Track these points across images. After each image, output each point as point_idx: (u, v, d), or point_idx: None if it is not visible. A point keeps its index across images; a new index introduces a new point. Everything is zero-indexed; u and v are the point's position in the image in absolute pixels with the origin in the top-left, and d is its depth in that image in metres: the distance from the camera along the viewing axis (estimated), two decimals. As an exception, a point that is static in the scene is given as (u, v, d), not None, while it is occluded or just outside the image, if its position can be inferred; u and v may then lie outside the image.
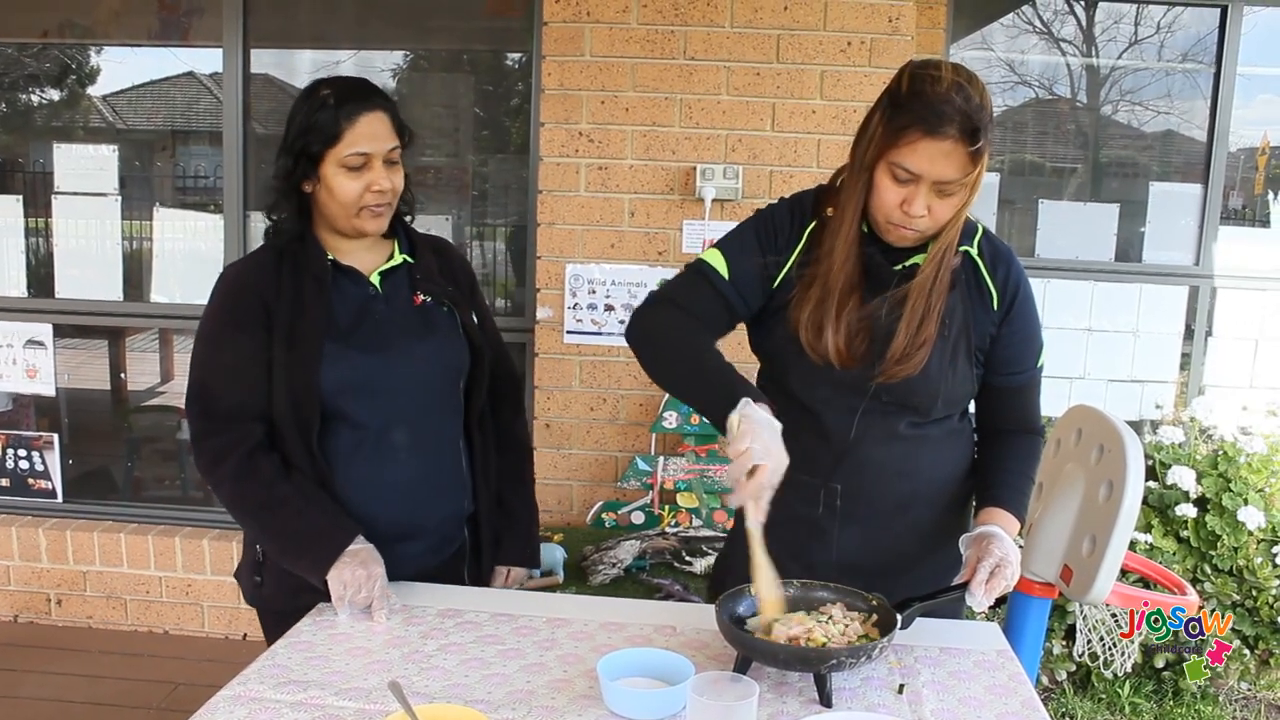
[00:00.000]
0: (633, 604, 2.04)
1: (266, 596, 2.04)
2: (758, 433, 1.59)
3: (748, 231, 1.94)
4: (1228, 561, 3.74)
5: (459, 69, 4.38)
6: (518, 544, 2.26)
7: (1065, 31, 4.49)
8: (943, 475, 1.95)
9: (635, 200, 3.71)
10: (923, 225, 1.75)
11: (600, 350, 3.78)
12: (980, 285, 1.88)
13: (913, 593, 1.80)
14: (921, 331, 1.80)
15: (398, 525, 2.00)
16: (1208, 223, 4.32)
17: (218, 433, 1.92)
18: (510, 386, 2.29)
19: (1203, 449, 3.97)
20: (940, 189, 1.71)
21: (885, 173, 1.74)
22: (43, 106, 4.48)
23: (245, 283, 1.96)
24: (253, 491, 1.91)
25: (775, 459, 1.59)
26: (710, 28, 3.62)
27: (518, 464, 2.30)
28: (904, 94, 1.71)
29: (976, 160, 1.68)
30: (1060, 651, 3.73)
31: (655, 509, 3.54)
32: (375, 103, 1.95)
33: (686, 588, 3.02)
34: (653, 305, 1.91)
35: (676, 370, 1.86)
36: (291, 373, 1.91)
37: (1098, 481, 2.66)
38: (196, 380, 1.96)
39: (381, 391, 1.97)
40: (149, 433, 4.66)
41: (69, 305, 4.25)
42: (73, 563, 4.13)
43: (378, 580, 1.85)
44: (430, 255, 2.12)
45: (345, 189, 1.92)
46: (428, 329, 2.05)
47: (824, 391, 1.87)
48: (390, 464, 2.00)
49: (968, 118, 1.65)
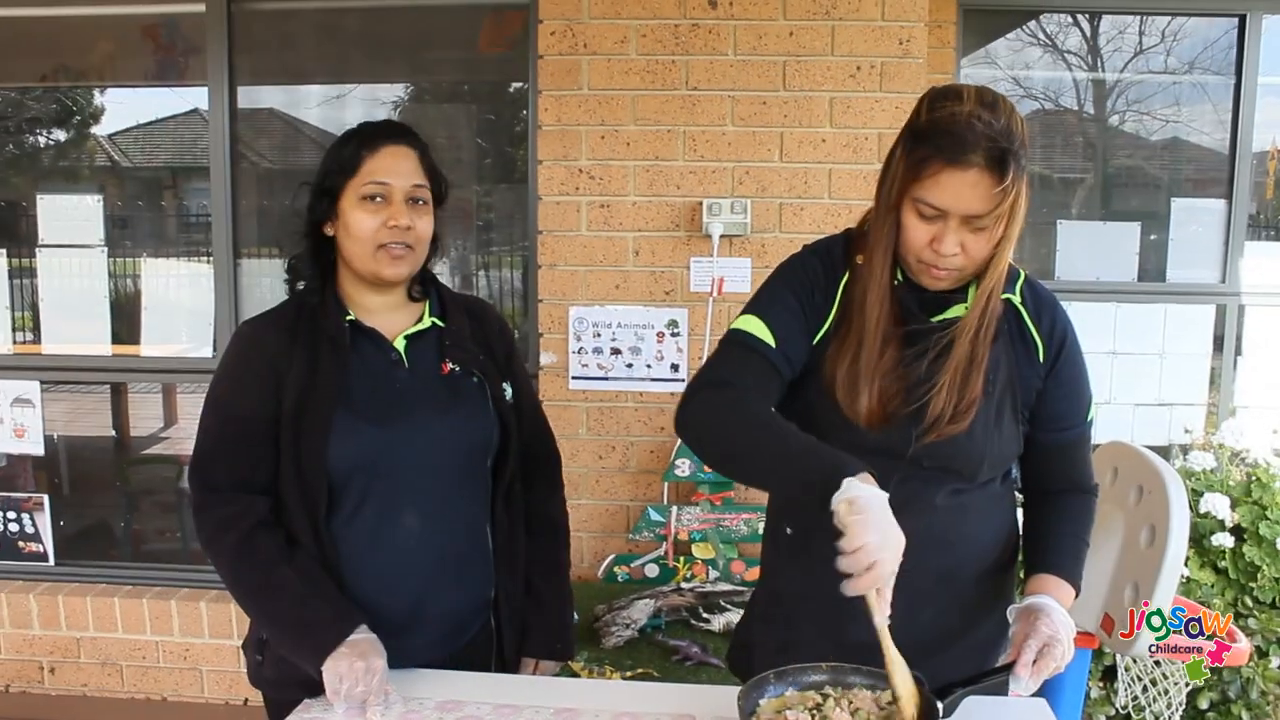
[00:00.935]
0: (647, 689, 1.91)
1: (266, 679, 1.91)
2: (872, 521, 1.40)
3: (782, 290, 1.77)
4: (1270, 593, 3.59)
5: (460, 100, 4.28)
6: (547, 634, 2.08)
7: (1071, 44, 4.39)
8: (985, 544, 1.82)
9: (640, 238, 3.59)
10: (957, 264, 1.61)
11: (608, 395, 3.65)
12: (1025, 336, 1.75)
13: (955, 669, 1.66)
14: (968, 387, 1.65)
15: (406, 614, 1.86)
16: (1233, 238, 4.19)
17: (218, 505, 1.81)
18: (547, 466, 2.13)
19: (1235, 474, 3.82)
20: (971, 224, 1.57)
21: (911, 210, 1.60)
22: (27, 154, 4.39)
23: (258, 343, 1.85)
24: (252, 572, 1.79)
25: (893, 547, 1.41)
26: (713, 56, 3.50)
27: (550, 547, 2.12)
28: (923, 124, 1.59)
29: (1008, 191, 1.53)
30: (1098, 695, 3.57)
31: (670, 561, 3.41)
32: (401, 139, 1.85)
33: (705, 648, 2.88)
34: (700, 390, 1.69)
35: (749, 454, 1.62)
36: (299, 446, 1.79)
37: (1138, 525, 2.53)
38: (199, 448, 1.85)
39: (395, 470, 1.83)
40: (144, 486, 4.53)
41: (56, 361, 4.14)
42: (66, 628, 3.99)
43: (377, 674, 1.70)
44: (463, 319, 1.98)
45: (361, 224, 1.80)
46: (453, 401, 1.90)
47: (858, 453, 1.71)
48: (402, 548, 1.86)
49: (993, 144, 1.51)
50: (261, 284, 4.04)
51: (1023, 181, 1.56)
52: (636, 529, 3.47)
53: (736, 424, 1.61)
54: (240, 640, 3.83)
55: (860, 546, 1.38)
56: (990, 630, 1.85)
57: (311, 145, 4.20)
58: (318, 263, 1.89)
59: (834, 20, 3.47)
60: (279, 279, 3.99)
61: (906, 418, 1.68)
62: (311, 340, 1.83)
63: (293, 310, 1.88)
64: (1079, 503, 1.83)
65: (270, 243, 4.09)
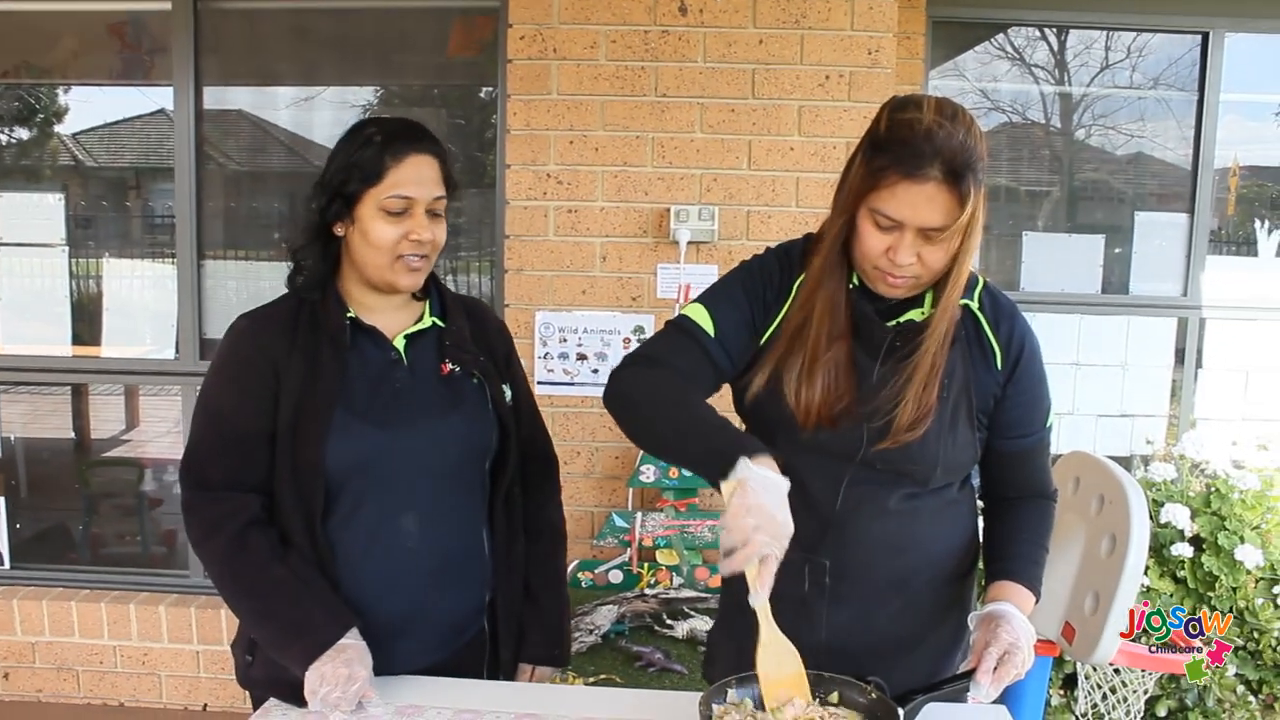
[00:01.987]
0: (610, 694, 1.89)
1: (255, 680, 1.86)
2: (751, 502, 1.41)
3: (733, 285, 1.78)
4: (1227, 602, 3.62)
5: (429, 104, 4.25)
6: (545, 641, 2.04)
7: (1039, 58, 4.44)
8: (941, 550, 1.81)
9: (607, 244, 3.58)
10: (913, 273, 1.60)
11: (573, 401, 3.64)
12: (982, 342, 1.74)
13: (911, 674, 1.68)
14: (926, 395, 1.65)
15: (402, 618, 1.83)
16: (1195, 252, 4.24)
17: (211, 504, 1.76)
18: (545, 469, 2.10)
19: (1195, 485, 3.86)
20: (928, 236, 1.56)
21: (867, 219, 1.59)
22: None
23: (254, 339, 1.80)
24: (242, 572, 1.74)
25: (774, 529, 1.42)
26: (682, 63, 3.51)
27: (549, 552, 2.09)
28: (882, 134, 1.58)
29: (964, 203, 1.53)
30: (1059, 703, 3.59)
31: (634, 567, 3.39)
32: (425, 146, 1.79)
33: (668, 655, 2.88)
34: (631, 365, 1.72)
35: (663, 430, 1.64)
36: (295, 445, 1.75)
37: (1099, 535, 2.55)
38: (192, 445, 1.80)
39: (393, 469, 1.80)
40: (103, 489, 4.47)
41: (14, 361, 4.08)
42: (20, 633, 3.93)
43: (358, 683, 1.66)
44: (463, 319, 1.93)
45: (381, 234, 1.75)
46: (453, 402, 1.86)
47: (808, 457, 1.71)
48: (400, 551, 1.82)
49: (951, 157, 1.51)
50: (226, 286, 4.00)
51: (980, 195, 1.55)
52: (601, 535, 3.46)
53: (657, 399, 1.64)
54: (199, 643, 3.83)
55: (734, 526, 1.41)
56: (946, 637, 1.85)
57: (280, 147, 4.16)
58: (323, 260, 1.83)
59: (803, 29, 3.48)
60: (243, 281, 4.01)
61: (856, 419, 1.68)
62: (311, 337, 1.79)
63: (292, 307, 1.83)
64: (1038, 509, 1.83)
65: (235, 245, 4.05)
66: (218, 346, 1.84)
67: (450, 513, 1.88)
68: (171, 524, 4.30)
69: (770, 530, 1.41)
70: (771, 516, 1.41)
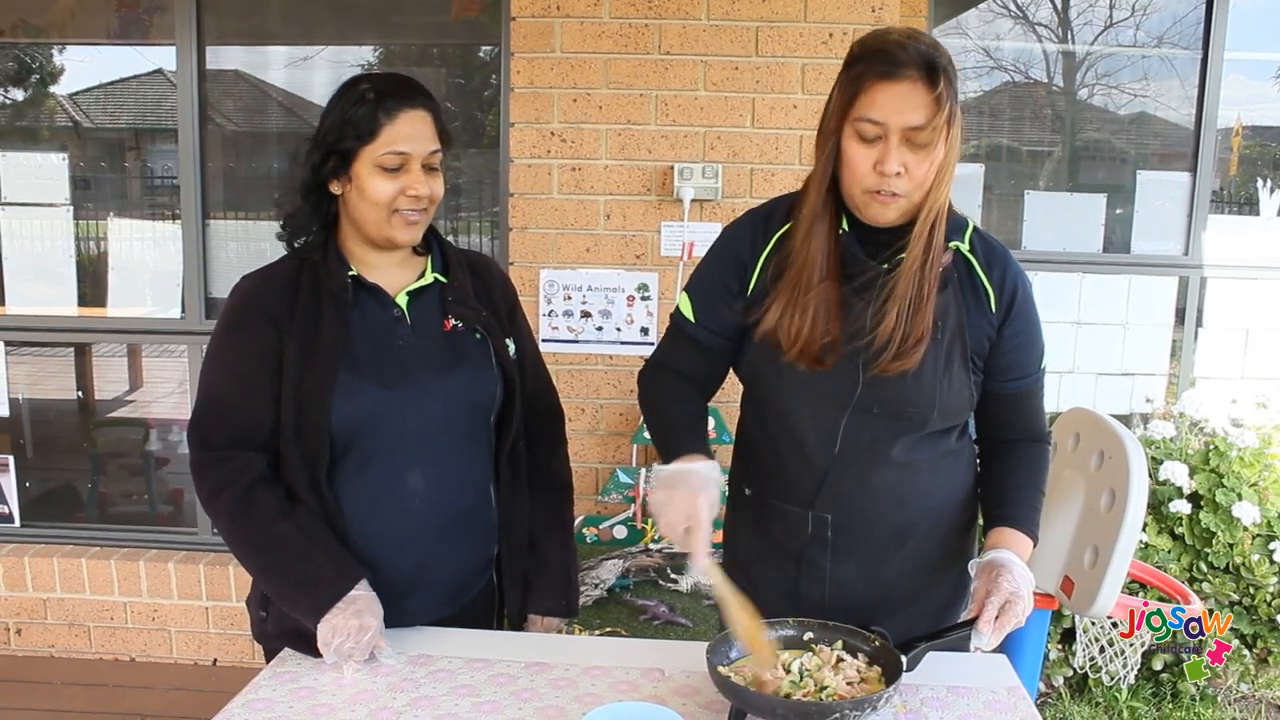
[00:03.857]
0: (617, 644, 1.93)
1: (270, 634, 1.88)
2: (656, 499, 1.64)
3: (708, 263, 1.86)
4: (1224, 559, 3.66)
5: (429, 63, 4.23)
6: (553, 591, 2.06)
7: (1042, 16, 4.41)
8: (942, 502, 1.84)
9: (611, 202, 3.59)
10: (901, 186, 1.62)
11: (577, 358, 3.66)
12: (975, 285, 1.76)
13: (913, 627, 1.71)
14: (916, 321, 1.67)
15: (410, 573, 1.86)
16: (1196, 212, 4.24)
17: (217, 463, 1.78)
18: (550, 422, 2.12)
19: (1194, 443, 3.89)
20: (911, 139, 1.59)
21: (852, 136, 1.62)
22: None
23: (257, 299, 1.81)
24: (251, 529, 1.77)
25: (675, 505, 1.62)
26: (686, 21, 3.49)
27: (555, 505, 2.11)
28: (857, 52, 1.64)
29: (942, 99, 1.57)
30: (1057, 657, 3.64)
31: (638, 523, 3.43)
32: (419, 101, 1.80)
33: (673, 608, 2.92)
34: (644, 371, 1.95)
35: (651, 435, 1.89)
36: (300, 403, 1.76)
37: (1099, 490, 2.57)
38: (199, 405, 1.82)
39: (398, 427, 1.81)
40: (111, 448, 4.50)
41: (20, 321, 4.10)
42: (32, 590, 3.97)
43: (369, 632, 1.70)
44: (465, 274, 1.94)
45: (378, 189, 1.76)
46: (456, 358, 1.87)
47: (806, 408, 1.75)
48: (406, 506, 1.84)
49: (922, 56, 1.57)
50: (228, 247, 4.01)
51: (956, 102, 1.60)
52: (605, 491, 3.49)
53: (651, 405, 1.90)
54: (208, 599, 3.88)
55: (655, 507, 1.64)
56: (948, 590, 1.88)
57: (277, 108, 4.15)
58: (319, 218, 1.85)
59: (808, -14, 3.47)
60: (245, 242, 4.01)
61: (849, 357, 1.70)
62: (313, 296, 1.80)
63: (294, 266, 1.84)
64: (1033, 452, 1.86)
65: (236, 206, 4.05)
66: (222, 307, 1.86)
67: (456, 468, 1.90)
68: (178, 483, 4.33)
69: (668, 515, 1.62)
70: (671, 494, 1.63)
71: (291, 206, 1.86)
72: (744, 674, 1.57)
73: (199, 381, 1.85)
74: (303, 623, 1.73)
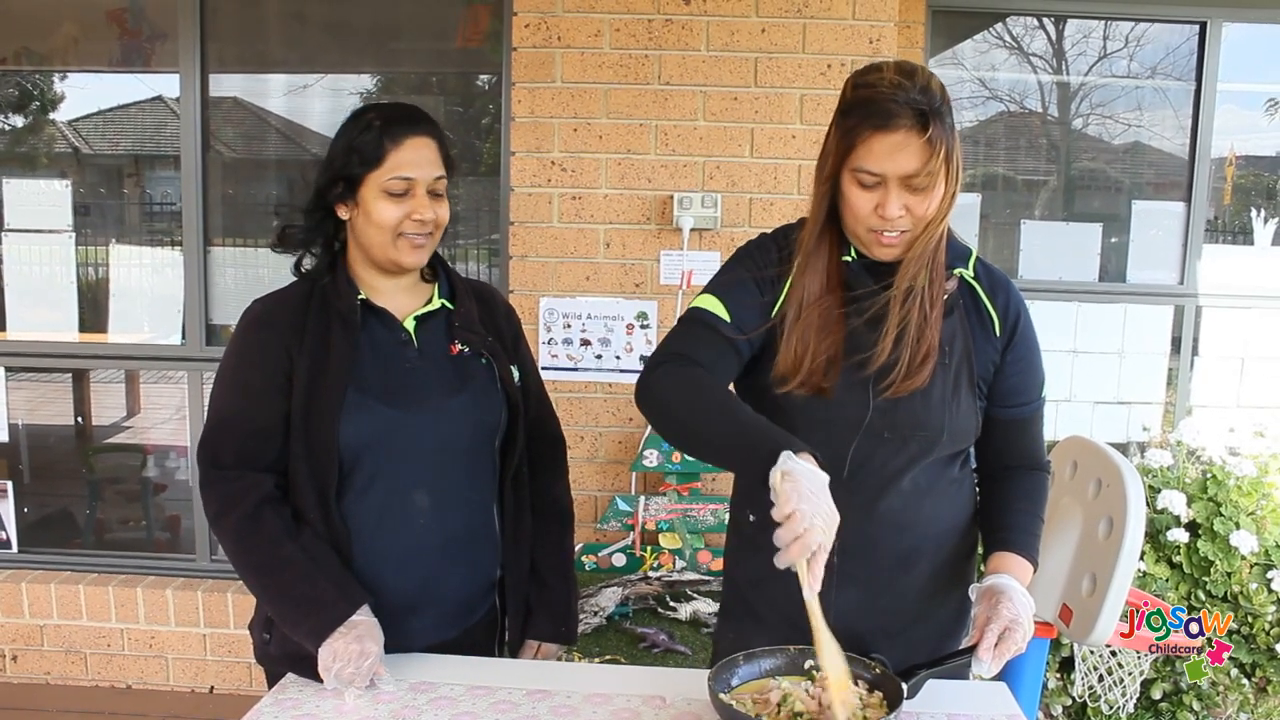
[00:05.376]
0: (619, 671, 1.93)
1: (273, 657, 1.89)
2: (803, 491, 1.42)
3: (736, 270, 1.82)
4: (1222, 587, 3.66)
5: (428, 91, 4.27)
6: (551, 618, 2.07)
7: (1037, 47, 4.46)
8: (944, 529, 1.84)
9: (610, 231, 3.61)
10: (904, 225, 1.66)
11: (577, 386, 3.67)
12: (980, 310, 1.79)
13: (914, 653, 1.71)
14: (923, 340, 1.69)
15: (414, 594, 1.87)
16: (1191, 241, 4.27)
17: (225, 482, 1.81)
18: (553, 449, 2.14)
19: (1192, 472, 3.90)
20: (909, 185, 1.62)
21: (851, 182, 1.66)
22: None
23: (268, 322, 1.85)
24: (256, 549, 1.78)
25: (825, 517, 1.42)
26: (685, 52, 3.53)
27: (555, 531, 2.13)
28: (849, 100, 1.66)
29: (935, 144, 1.59)
30: (1056, 685, 3.63)
31: (637, 551, 3.43)
32: (423, 128, 1.85)
33: (672, 636, 2.92)
34: (659, 365, 1.73)
35: (701, 429, 1.65)
36: (309, 422, 1.79)
37: (1096, 517, 2.58)
38: (209, 425, 1.84)
39: (405, 445, 1.84)
40: (109, 474, 4.49)
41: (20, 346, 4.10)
42: (29, 616, 3.96)
43: (370, 658, 1.70)
44: (472, 301, 1.98)
45: (384, 214, 1.80)
46: (462, 382, 1.90)
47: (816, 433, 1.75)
48: (411, 528, 1.86)
49: (914, 105, 1.59)
50: (226, 274, 4.02)
51: (952, 138, 1.62)
52: (604, 518, 3.49)
53: (693, 399, 1.65)
54: (206, 626, 3.86)
55: (790, 513, 1.40)
56: (949, 616, 1.89)
57: (277, 136, 4.18)
58: (320, 235, 1.89)
59: (805, 18, 3.51)
60: (245, 269, 4.02)
61: (859, 382, 1.72)
62: (322, 319, 1.83)
63: (304, 290, 1.88)
64: (1033, 479, 1.87)
65: (235, 232, 4.07)
66: (234, 330, 1.89)
67: (461, 490, 1.92)
68: (177, 509, 4.33)
69: (824, 519, 1.42)
70: (816, 504, 1.42)
71: (292, 224, 1.90)
72: (744, 701, 1.58)
73: (210, 400, 1.88)
74: (304, 645, 1.73)
